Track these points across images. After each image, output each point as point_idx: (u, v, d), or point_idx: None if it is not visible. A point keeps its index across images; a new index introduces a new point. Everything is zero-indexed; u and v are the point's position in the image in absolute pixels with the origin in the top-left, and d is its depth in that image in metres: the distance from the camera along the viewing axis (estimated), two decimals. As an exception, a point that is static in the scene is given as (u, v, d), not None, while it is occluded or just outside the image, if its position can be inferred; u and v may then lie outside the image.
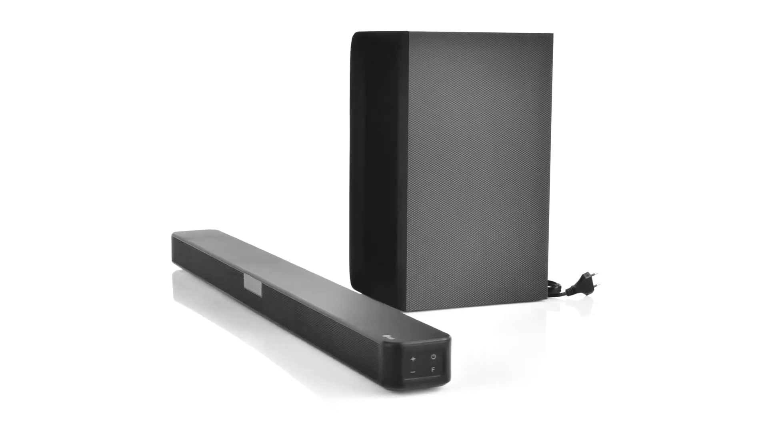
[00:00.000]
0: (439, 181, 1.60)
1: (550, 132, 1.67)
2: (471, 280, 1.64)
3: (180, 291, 1.72)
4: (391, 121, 1.60)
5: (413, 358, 1.24)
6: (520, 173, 1.65)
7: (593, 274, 1.76)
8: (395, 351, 1.24)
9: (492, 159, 1.64)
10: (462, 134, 1.61)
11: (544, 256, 1.69)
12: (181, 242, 1.84)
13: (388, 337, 1.26)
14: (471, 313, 1.62)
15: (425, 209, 1.60)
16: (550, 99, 1.67)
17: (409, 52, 1.57)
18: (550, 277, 1.86)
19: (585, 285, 1.74)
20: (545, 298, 1.71)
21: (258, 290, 1.56)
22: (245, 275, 1.59)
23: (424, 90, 1.58)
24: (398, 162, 1.59)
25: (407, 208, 1.59)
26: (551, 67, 1.67)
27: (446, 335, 1.27)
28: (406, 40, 1.57)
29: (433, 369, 1.26)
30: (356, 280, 1.71)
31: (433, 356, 1.25)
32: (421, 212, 1.60)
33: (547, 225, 1.69)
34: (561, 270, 1.94)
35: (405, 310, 1.61)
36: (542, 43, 1.65)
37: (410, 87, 1.57)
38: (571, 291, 1.74)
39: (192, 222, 2.32)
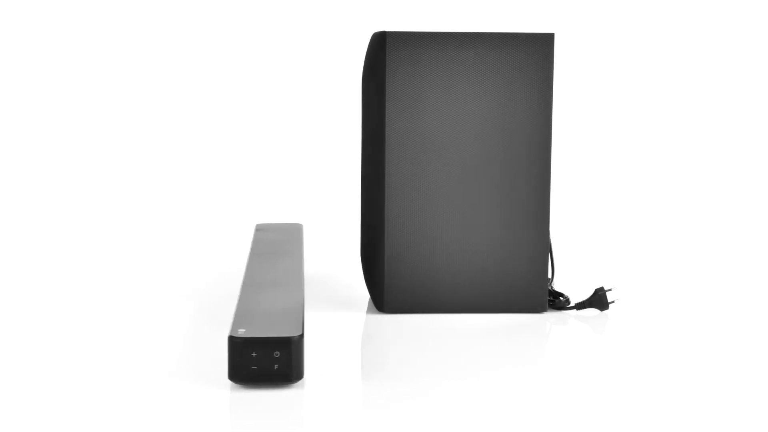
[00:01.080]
0: (422, 183, 1.58)
1: (550, 134, 1.59)
2: (461, 286, 1.60)
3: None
4: (378, 122, 1.59)
5: (254, 353, 1.26)
6: (515, 175, 1.59)
7: (609, 289, 1.65)
8: (235, 344, 1.26)
9: (480, 161, 1.59)
10: (447, 136, 1.58)
11: (543, 264, 1.61)
12: (260, 232, 1.91)
13: (241, 331, 1.28)
14: (454, 320, 1.58)
15: (407, 210, 1.58)
16: (550, 100, 1.59)
17: (386, 52, 1.56)
18: (564, 290, 1.75)
19: (598, 301, 1.64)
20: (545, 310, 1.62)
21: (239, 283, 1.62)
22: (247, 268, 1.65)
23: (404, 90, 1.56)
24: (379, 162, 1.59)
25: (385, 208, 1.58)
26: (551, 68, 1.58)
27: (298, 335, 1.27)
28: (384, 40, 1.56)
29: (276, 366, 1.26)
30: (366, 277, 1.71)
31: (277, 353, 1.26)
32: (402, 214, 1.58)
33: (547, 231, 1.60)
34: (576, 282, 1.82)
35: (383, 311, 1.61)
36: (539, 43, 1.58)
37: (387, 87, 1.56)
38: (581, 306, 1.64)
39: (279, 216, 2.40)
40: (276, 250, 1.72)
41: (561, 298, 1.64)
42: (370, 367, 1.37)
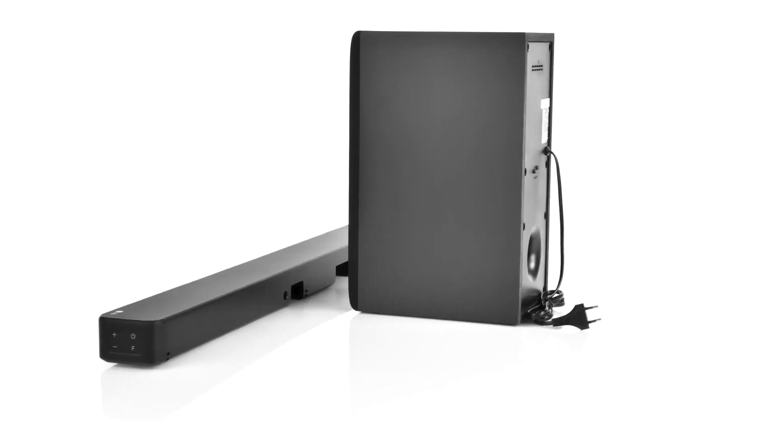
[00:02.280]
0: (395, 185, 1.56)
1: (521, 136, 1.51)
2: (431, 291, 1.57)
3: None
4: (353, 123, 1.59)
5: (114, 334, 1.34)
6: (486, 180, 1.53)
7: (590, 307, 1.53)
8: (102, 324, 1.35)
9: (451, 164, 1.54)
10: (419, 138, 1.55)
11: (514, 275, 1.53)
12: None
13: (118, 312, 1.37)
14: (425, 325, 1.55)
15: (380, 213, 1.57)
16: (522, 101, 1.51)
17: (360, 52, 1.56)
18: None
19: (577, 318, 1.53)
20: (516, 323, 1.54)
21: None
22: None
23: (378, 91, 1.55)
24: (355, 163, 1.59)
25: (359, 209, 1.59)
26: (523, 68, 1.50)
27: (158, 320, 1.33)
28: (358, 40, 1.56)
29: (133, 348, 1.34)
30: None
31: (133, 335, 1.33)
32: (376, 215, 1.58)
33: (518, 239, 1.53)
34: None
35: (357, 309, 1.61)
36: (510, 43, 1.50)
37: (361, 87, 1.57)
38: (559, 322, 1.54)
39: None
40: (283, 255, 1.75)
41: (542, 313, 1.55)
42: (320, 362, 1.40)
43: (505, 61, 1.51)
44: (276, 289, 1.60)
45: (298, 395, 1.26)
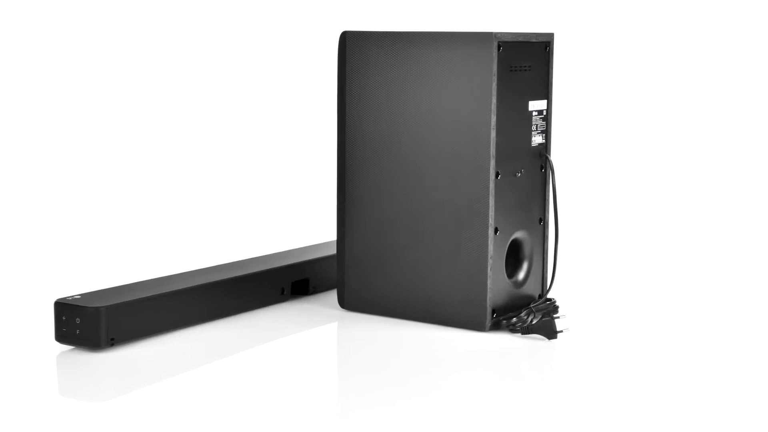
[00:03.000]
0: (377, 185, 1.56)
1: (488, 138, 1.47)
2: (409, 293, 1.56)
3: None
4: (340, 123, 1.60)
5: (64, 317, 1.42)
6: (456, 181, 1.50)
7: (557, 316, 1.47)
8: (55, 308, 1.43)
9: (426, 165, 1.53)
10: (397, 138, 1.55)
11: (482, 279, 1.50)
12: None
13: (74, 297, 1.45)
14: (403, 327, 1.55)
15: (364, 213, 1.58)
16: (489, 102, 1.47)
17: (346, 51, 1.57)
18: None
19: (544, 327, 1.48)
20: (484, 329, 1.51)
21: None
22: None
23: (362, 91, 1.56)
24: (340, 163, 1.60)
25: (345, 206, 1.60)
26: (491, 68, 1.47)
27: (98, 306, 1.40)
28: (344, 40, 1.57)
29: (78, 332, 1.41)
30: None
31: (78, 320, 1.41)
32: (360, 216, 1.58)
33: (486, 243, 1.49)
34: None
35: (344, 307, 1.62)
36: (478, 42, 1.47)
37: (347, 87, 1.58)
38: (527, 330, 1.49)
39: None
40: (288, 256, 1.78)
41: (514, 320, 1.50)
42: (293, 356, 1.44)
43: (473, 62, 1.48)
44: (262, 285, 1.62)
45: (246, 387, 1.29)
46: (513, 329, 1.50)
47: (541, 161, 1.58)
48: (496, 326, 1.52)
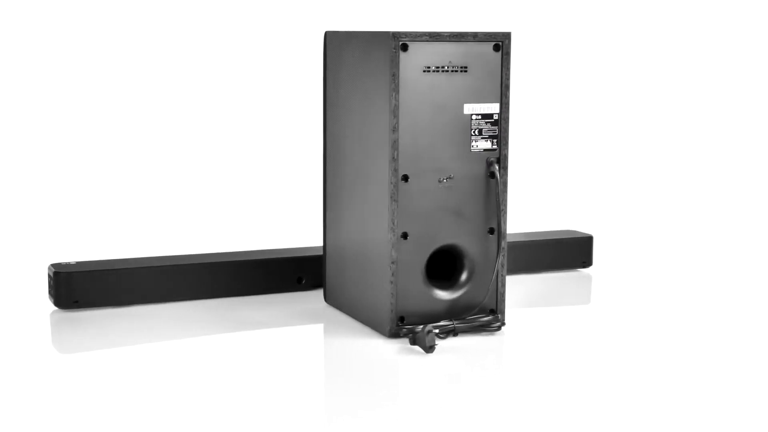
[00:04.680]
0: (345, 184, 1.58)
1: (389, 140, 1.43)
2: (355, 293, 1.56)
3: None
4: (324, 120, 1.63)
5: (49, 280, 1.66)
6: (372, 184, 1.49)
7: (430, 331, 1.39)
8: (48, 272, 1.67)
9: (358, 166, 1.53)
10: (345, 138, 1.56)
11: (385, 285, 1.46)
12: None
13: (70, 263, 1.68)
14: (348, 327, 1.57)
15: (339, 209, 1.61)
16: (391, 103, 1.43)
17: (327, 51, 1.60)
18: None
19: (420, 340, 1.41)
20: (386, 335, 1.47)
21: None
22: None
23: (339, 91, 1.59)
24: (323, 159, 1.64)
25: (326, 204, 1.63)
26: (388, 68, 1.43)
27: (64, 272, 1.62)
28: (325, 39, 1.61)
29: (52, 292, 1.64)
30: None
31: (51, 282, 1.64)
32: (334, 215, 1.61)
33: (389, 248, 1.45)
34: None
35: (327, 302, 1.65)
36: (380, 43, 1.44)
37: (326, 87, 1.61)
38: (412, 341, 1.43)
39: None
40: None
41: (445, 327, 1.45)
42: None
43: (378, 62, 1.45)
44: (251, 272, 1.70)
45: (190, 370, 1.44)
46: (414, 339, 1.45)
47: (491, 168, 1.48)
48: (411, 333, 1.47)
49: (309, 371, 1.38)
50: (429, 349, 1.40)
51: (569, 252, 1.89)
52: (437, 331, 1.45)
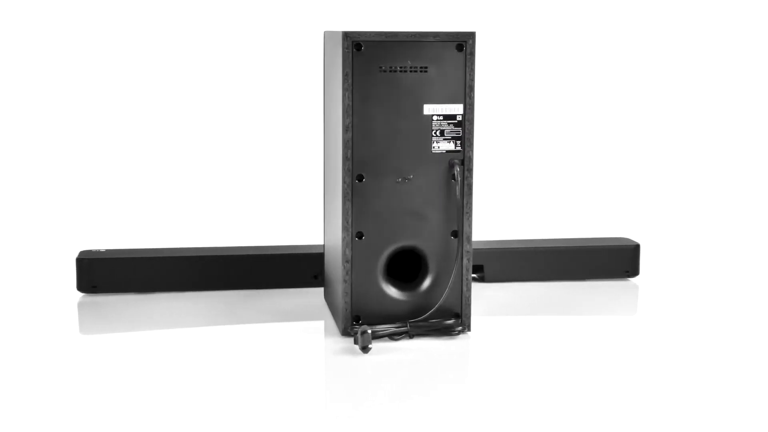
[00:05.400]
0: (330, 182, 1.60)
1: (341, 140, 1.44)
2: (330, 290, 1.58)
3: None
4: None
5: (80, 266, 1.77)
6: (330, 185, 1.50)
7: (364, 332, 1.39)
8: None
9: (329, 166, 1.54)
10: (328, 136, 1.58)
11: (338, 284, 1.47)
12: None
13: (99, 250, 1.78)
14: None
15: (330, 207, 1.62)
16: (342, 103, 1.43)
17: (325, 49, 1.62)
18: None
19: (356, 340, 1.41)
20: (340, 333, 1.47)
21: None
22: None
23: (328, 87, 1.61)
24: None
25: (324, 200, 1.65)
26: (343, 68, 1.43)
27: (85, 258, 1.72)
28: (324, 38, 1.63)
29: (76, 275, 1.75)
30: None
31: (75, 267, 1.75)
32: (329, 209, 1.63)
33: (343, 249, 1.45)
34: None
35: (325, 300, 1.68)
36: (335, 43, 1.44)
37: (324, 87, 1.63)
38: (355, 341, 1.43)
39: None
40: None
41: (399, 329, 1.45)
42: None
43: (332, 62, 1.46)
44: (267, 266, 1.74)
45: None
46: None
47: (453, 170, 1.46)
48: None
49: (263, 367, 1.40)
50: (363, 349, 1.40)
51: (612, 260, 1.82)
52: (391, 332, 1.44)
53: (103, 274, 1.72)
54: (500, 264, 1.79)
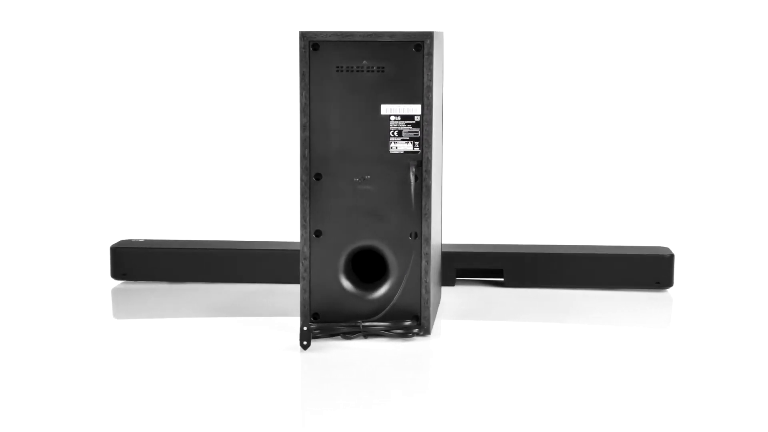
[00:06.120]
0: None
1: (299, 139, 1.46)
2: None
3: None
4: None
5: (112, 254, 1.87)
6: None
7: (303, 328, 1.40)
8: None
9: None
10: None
11: (297, 281, 1.49)
12: None
13: (139, 240, 1.88)
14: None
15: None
16: (299, 102, 1.45)
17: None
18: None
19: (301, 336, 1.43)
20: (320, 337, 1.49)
21: None
22: None
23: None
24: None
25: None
26: (299, 67, 1.45)
27: (118, 247, 1.82)
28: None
29: (110, 264, 1.85)
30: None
31: (109, 255, 1.85)
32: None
33: (301, 247, 1.47)
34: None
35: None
36: (302, 43, 1.46)
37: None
38: (303, 336, 1.45)
39: None
40: None
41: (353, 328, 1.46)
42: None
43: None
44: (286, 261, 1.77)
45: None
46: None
47: (413, 171, 1.45)
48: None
49: (247, 361, 1.42)
50: (302, 346, 1.42)
51: (642, 270, 1.74)
52: (345, 331, 1.45)
53: (135, 263, 1.80)
54: (521, 268, 1.75)
